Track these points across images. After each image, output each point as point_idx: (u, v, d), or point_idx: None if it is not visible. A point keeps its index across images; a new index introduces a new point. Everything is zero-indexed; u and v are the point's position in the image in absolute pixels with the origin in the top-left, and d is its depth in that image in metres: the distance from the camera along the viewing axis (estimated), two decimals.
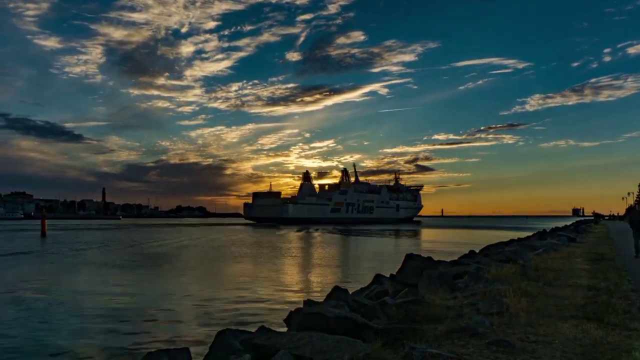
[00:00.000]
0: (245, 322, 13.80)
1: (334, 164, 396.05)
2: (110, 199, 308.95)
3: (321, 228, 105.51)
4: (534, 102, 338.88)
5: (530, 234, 41.59)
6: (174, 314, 15.89)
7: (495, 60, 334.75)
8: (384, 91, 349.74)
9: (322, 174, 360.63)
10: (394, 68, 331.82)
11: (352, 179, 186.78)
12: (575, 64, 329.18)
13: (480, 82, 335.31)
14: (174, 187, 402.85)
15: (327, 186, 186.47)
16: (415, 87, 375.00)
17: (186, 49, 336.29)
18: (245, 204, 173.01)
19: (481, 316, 6.75)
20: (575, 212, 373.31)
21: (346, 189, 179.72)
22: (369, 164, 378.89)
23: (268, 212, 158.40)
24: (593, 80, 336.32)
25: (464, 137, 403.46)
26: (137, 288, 21.59)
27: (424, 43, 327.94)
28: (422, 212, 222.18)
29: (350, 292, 11.01)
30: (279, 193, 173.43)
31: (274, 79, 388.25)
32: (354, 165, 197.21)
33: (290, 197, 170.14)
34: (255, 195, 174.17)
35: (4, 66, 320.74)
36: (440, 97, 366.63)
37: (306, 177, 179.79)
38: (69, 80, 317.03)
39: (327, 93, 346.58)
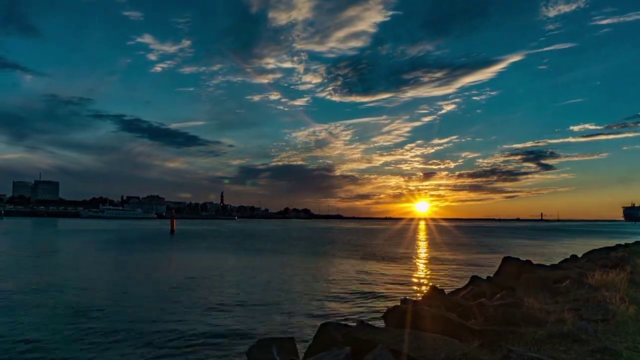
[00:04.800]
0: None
1: (445, 165, 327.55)
2: (227, 201, 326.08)
3: None
4: None
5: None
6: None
7: None
8: (527, 64, 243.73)
9: (428, 174, 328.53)
10: (550, 27, 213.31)
11: None
12: None
13: None
14: (281, 189, 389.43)
15: None
16: (576, 54, 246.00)
17: (300, 12, 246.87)
18: None
19: (584, 322, 6.19)
20: (632, 212, 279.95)
21: None
22: (483, 162, 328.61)
23: None
24: None
25: (603, 127, 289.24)
26: None
27: None
28: (520, 216, 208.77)
29: (447, 293, 10.67)
30: None
31: (390, 50, 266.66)
32: None
33: None
34: None
35: (102, 57, 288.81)
36: (603, 69, 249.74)
37: None
38: (169, 70, 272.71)
39: (454, 72, 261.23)
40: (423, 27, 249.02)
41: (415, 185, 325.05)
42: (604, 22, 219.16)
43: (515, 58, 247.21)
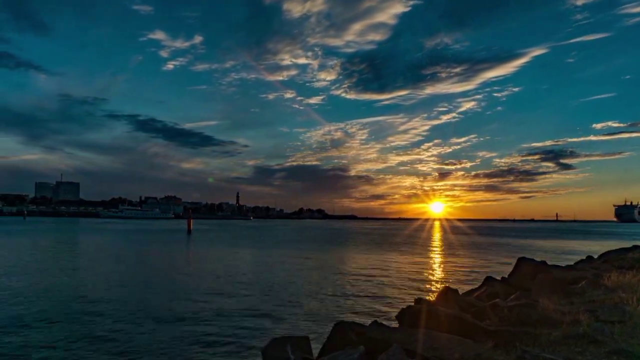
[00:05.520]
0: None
1: (461, 165, 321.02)
2: (242, 202, 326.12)
3: None
4: None
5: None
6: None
7: None
8: (553, 57, 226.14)
9: (443, 174, 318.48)
10: (578, 16, 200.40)
11: None
12: None
13: None
14: (296, 190, 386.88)
15: None
16: (605, 45, 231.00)
17: (315, 3, 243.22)
18: None
19: (600, 323, 6.10)
20: (625, 212, 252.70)
21: None
22: (500, 162, 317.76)
23: None
24: None
25: (627, 125, 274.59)
26: None
27: None
28: (535, 216, 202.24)
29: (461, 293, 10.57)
30: None
31: (408, 44, 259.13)
32: None
33: None
34: None
35: (114, 54, 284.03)
36: (634, 61, 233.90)
37: None
38: (181, 68, 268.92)
39: (475, 66, 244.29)
40: (442, 17, 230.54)
41: (430, 186, 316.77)
42: (635, 10, 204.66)
43: (539, 51, 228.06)
